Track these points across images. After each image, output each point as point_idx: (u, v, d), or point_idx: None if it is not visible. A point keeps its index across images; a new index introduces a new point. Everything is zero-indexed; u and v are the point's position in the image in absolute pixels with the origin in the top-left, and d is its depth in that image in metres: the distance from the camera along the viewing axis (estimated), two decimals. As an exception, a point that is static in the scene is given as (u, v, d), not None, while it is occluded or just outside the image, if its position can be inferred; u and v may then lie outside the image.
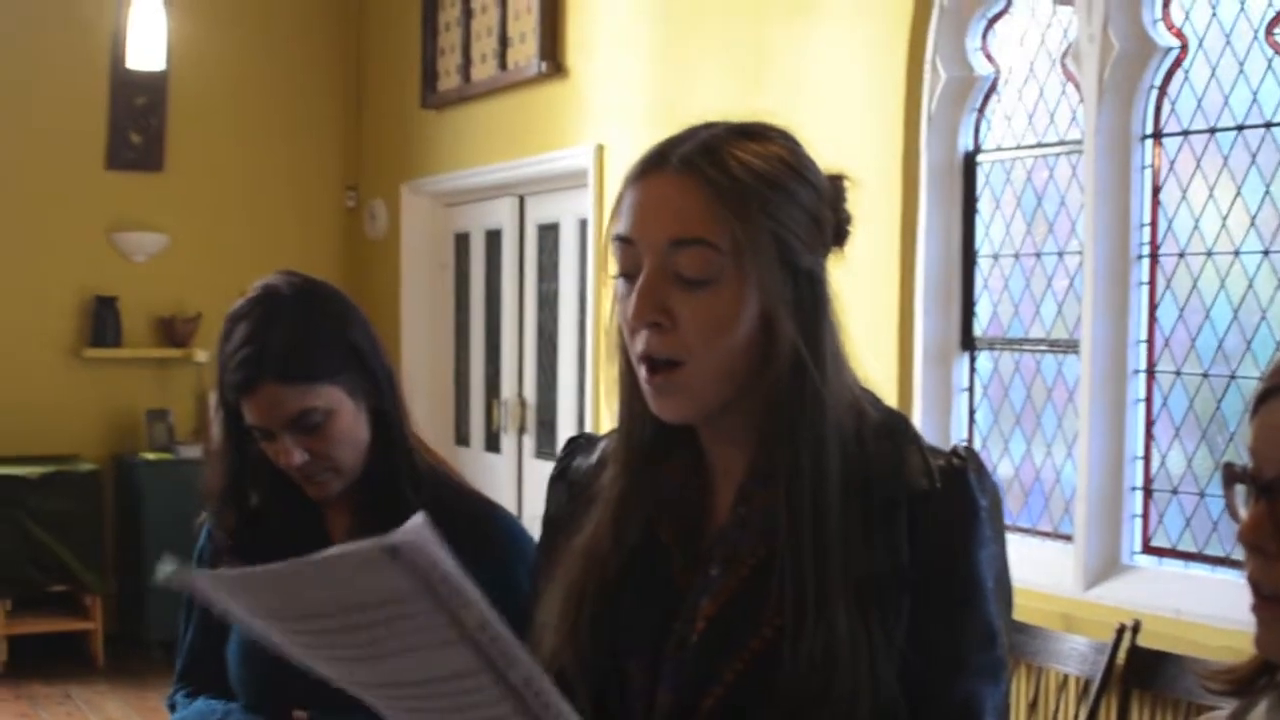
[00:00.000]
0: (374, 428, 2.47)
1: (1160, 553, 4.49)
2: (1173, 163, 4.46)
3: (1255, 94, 4.24)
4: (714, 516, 1.70)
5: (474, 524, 2.48)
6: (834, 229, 1.69)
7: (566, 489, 1.86)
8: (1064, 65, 4.72)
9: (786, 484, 1.62)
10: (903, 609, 1.60)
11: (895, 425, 1.69)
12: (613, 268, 1.67)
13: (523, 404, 7.75)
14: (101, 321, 8.78)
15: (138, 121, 8.91)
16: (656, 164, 1.64)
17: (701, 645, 1.63)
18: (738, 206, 1.59)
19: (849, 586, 1.58)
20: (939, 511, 1.63)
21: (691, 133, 1.67)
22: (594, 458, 1.84)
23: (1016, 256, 4.95)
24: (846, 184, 1.72)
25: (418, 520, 1.27)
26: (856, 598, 1.58)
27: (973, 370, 5.09)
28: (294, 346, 2.36)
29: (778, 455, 1.63)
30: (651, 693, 1.65)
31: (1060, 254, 4.80)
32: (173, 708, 2.63)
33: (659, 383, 1.63)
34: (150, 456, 8.56)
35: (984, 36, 5.01)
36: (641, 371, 1.64)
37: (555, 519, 1.86)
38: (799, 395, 1.62)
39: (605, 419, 2.45)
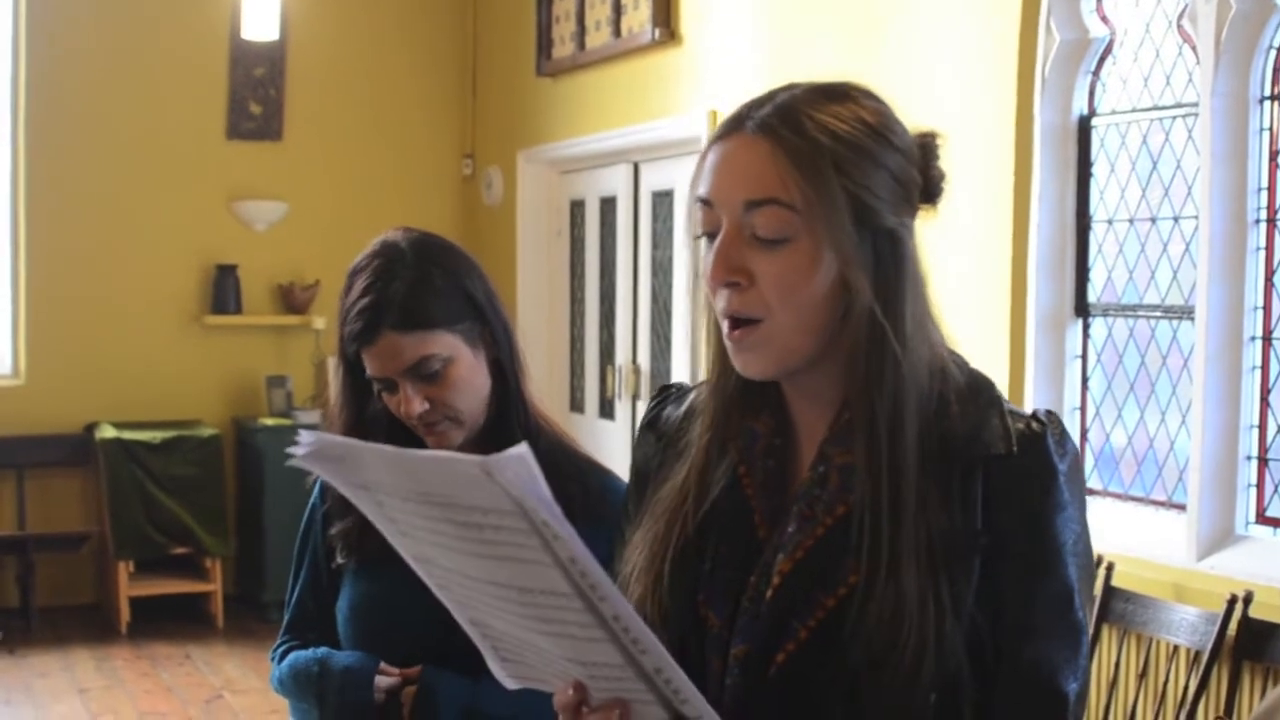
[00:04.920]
0: (493, 378, 2.51)
1: (1275, 523, 4.41)
2: (1291, 125, 4.37)
3: (1377, 54, 4.15)
4: (797, 473, 1.71)
5: (588, 489, 2.51)
6: (923, 188, 1.69)
7: (655, 439, 1.88)
8: (1180, 26, 4.63)
9: (864, 444, 1.63)
10: (973, 573, 1.60)
11: (979, 388, 1.68)
12: (696, 228, 1.69)
13: (637, 370, 7.76)
14: (222, 289, 8.91)
15: (257, 92, 9.01)
16: (734, 127, 1.66)
17: (775, 602, 1.64)
18: (809, 166, 1.60)
19: (921, 548, 1.58)
20: (1015, 476, 1.62)
21: (771, 95, 1.68)
22: (683, 408, 1.85)
23: (1131, 221, 4.87)
24: (938, 141, 1.71)
25: (520, 449, 1.32)
26: (927, 560, 1.58)
27: (1086, 337, 5.02)
28: (411, 295, 2.41)
29: (856, 415, 1.64)
30: (728, 644, 1.66)
31: (1176, 219, 4.72)
32: (278, 659, 2.68)
33: (739, 339, 1.65)
34: (269, 422, 8.69)
35: (1099, -2, 4.94)
36: (724, 327, 1.67)
37: (643, 468, 1.88)
38: (877, 357, 1.63)
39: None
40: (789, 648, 1.63)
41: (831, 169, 1.60)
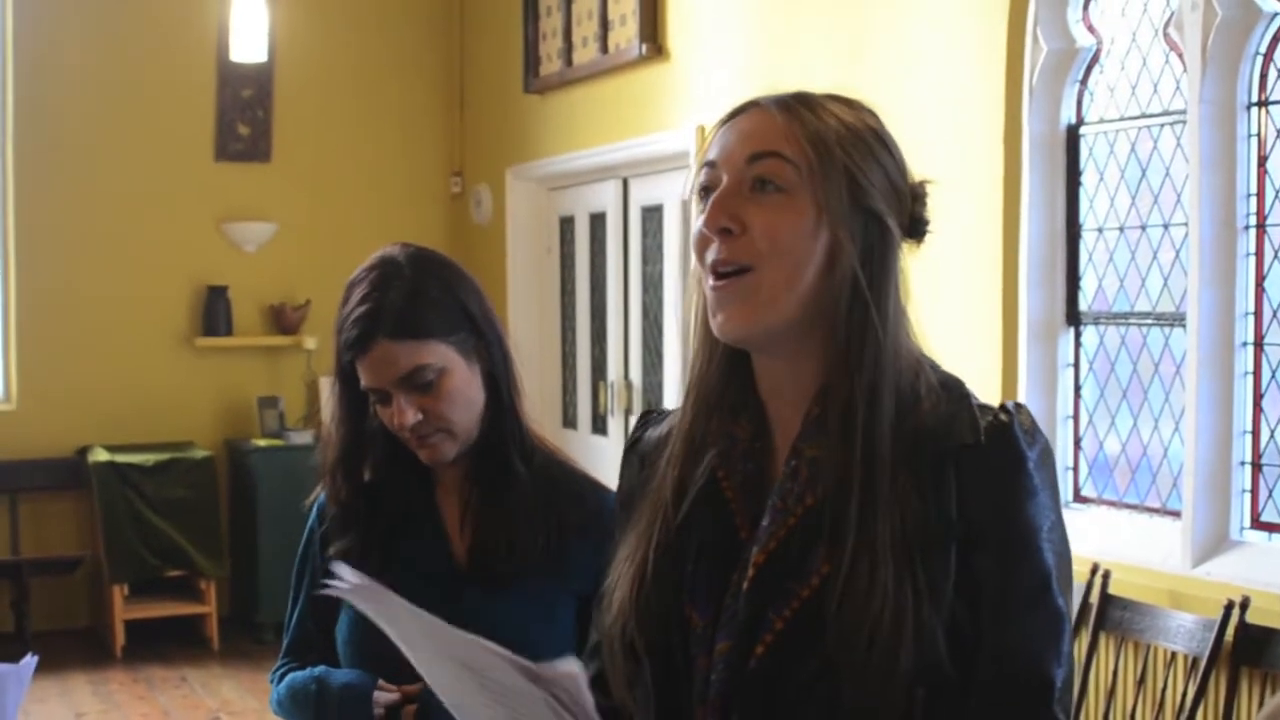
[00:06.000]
0: (487, 392, 2.51)
1: (1269, 528, 4.41)
2: (1279, 130, 4.38)
3: (1363, 59, 4.16)
4: (775, 475, 1.72)
5: (583, 504, 2.52)
6: (911, 218, 1.73)
7: (638, 461, 1.89)
8: (1166, 34, 4.65)
9: (839, 426, 1.65)
10: (950, 562, 1.60)
11: (951, 386, 1.70)
12: (695, 190, 1.73)
13: (628, 386, 7.77)
14: (213, 311, 8.91)
15: (245, 113, 9.02)
16: (748, 106, 1.74)
17: (751, 593, 1.65)
18: (815, 134, 1.67)
19: (894, 537, 1.59)
20: (984, 465, 1.63)
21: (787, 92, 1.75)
22: (663, 428, 1.86)
23: (1121, 229, 4.88)
24: (928, 189, 1.75)
25: (572, 666, 1.45)
26: (903, 549, 1.59)
27: (1078, 345, 5.03)
28: (406, 305, 2.42)
29: (834, 396, 1.66)
30: (713, 641, 1.67)
31: (1165, 226, 4.73)
32: (277, 680, 2.67)
33: (724, 288, 1.67)
34: (262, 443, 8.68)
35: (1085, 7, 4.94)
36: (709, 283, 1.68)
37: (628, 493, 1.89)
38: (859, 333, 1.65)
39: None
40: (766, 639, 1.64)
41: (835, 143, 1.67)
